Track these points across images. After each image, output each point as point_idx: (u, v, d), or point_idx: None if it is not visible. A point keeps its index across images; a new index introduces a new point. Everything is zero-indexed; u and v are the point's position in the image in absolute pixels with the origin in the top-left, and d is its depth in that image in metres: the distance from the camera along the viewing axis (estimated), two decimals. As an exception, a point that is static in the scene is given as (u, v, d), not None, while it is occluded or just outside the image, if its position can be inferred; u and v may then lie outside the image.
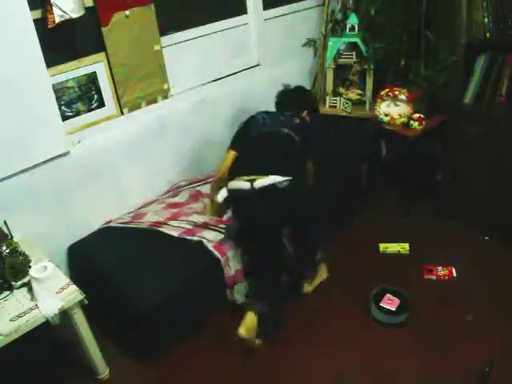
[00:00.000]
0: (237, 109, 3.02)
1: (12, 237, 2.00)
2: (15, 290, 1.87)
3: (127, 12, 2.27)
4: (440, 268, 2.54)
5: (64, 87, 2.22)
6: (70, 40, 2.16)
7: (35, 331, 1.76)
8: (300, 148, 2.35)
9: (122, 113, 2.46)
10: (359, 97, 3.21)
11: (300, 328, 2.29)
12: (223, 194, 2.28)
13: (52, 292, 1.82)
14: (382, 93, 2.84)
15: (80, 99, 2.29)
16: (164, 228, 2.38)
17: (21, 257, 1.89)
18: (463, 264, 2.56)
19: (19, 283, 1.87)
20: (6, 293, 1.86)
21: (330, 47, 3.11)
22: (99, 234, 2.45)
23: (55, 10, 1.93)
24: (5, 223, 2.00)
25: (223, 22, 2.82)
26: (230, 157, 2.41)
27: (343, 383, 2.02)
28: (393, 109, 2.83)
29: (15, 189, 2.11)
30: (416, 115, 2.76)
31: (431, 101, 2.87)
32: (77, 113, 2.30)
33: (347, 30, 3.04)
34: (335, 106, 3.23)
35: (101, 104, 2.37)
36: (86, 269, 2.32)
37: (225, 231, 2.36)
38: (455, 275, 2.50)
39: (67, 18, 1.98)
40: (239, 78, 3.00)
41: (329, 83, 3.23)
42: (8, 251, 1.89)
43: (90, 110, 2.35)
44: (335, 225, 2.76)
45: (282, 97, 2.62)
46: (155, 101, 2.58)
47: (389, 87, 2.84)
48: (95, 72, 2.29)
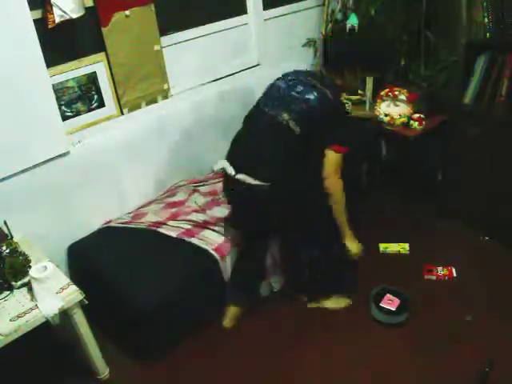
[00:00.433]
0: (237, 109, 3.02)
1: (12, 237, 2.00)
2: (15, 290, 1.87)
3: (127, 12, 2.27)
4: (440, 268, 2.54)
5: (64, 87, 2.22)
6: (70, 40, 2.16)
7: (35, 331, 1.76)
8: (303, 141, 1.90)
9: (122, 113, 2.46)
10: (359, 97, 3.21)
11: (300, 328, 2.29)
12: (220, 165, 2.05)
13: (52, 292, 1.82)
14: (382, 93, 2.84)
15: (80, 99, 2.29)
16: (163, 228, 2.38)
17: (21, 257, 1.89)
18: (463, 264, 2.56)
19: (19, 283, 1.87)
20: (6, 293, 1.86)
21: (330, 47, 3.11)
22: (99, 234, 2.45)
23: (55, 10, 1.94)
24: (5, 223, 2.00)
25: (223, 22, 2.82)
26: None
27: (343, 383, 2.02)
28: (393, 109, 2.82)
29: (15, 189, 2.11)
30: (416, 115, 2.76)
31: (431, 101, 2.86)
32: (77, 113, 2.30)
33: (347, 30, 3.04)
34: (335, 106, 3.22)
35: (101, 104, 2.38)
36: (86, 269, 2.32)
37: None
38: (455, 275, 2.50)
39: (67, 18, 1.98)
40: (239, 78, 3.00)
41: (329, 83, 3.23)
42: (8, 251, 1.89)
43: (90, 110, 2.35)
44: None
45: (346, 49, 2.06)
46: (155, 101, 2.58)
47: (389, 87, 2.83)
48: (95, 72, 2.29)
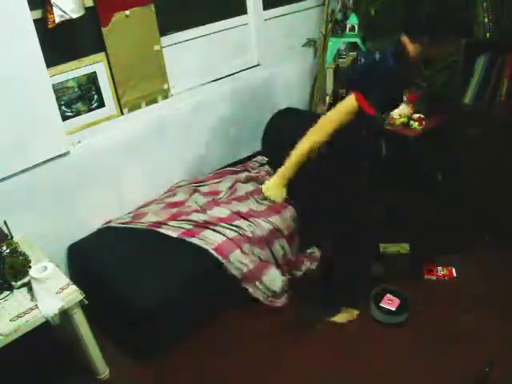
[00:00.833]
0: (237, 109, 3.02)
1: (12, 237, 2.00)
2: (15, 290, 1.87)
3: (127, 12, 2.27)
4: (440, 268, 2.54)
5: (64, 87, 2.22)
6: (70, 40, 2.16)
7: (35, 331, 1.76)
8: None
9: (122, 113, 2.46)
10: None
11: (300, 328, 2.29)
12: None
13: (52, 292, 1.82)
14: (382, 93, 2.84)
15: (80, 99, 2.29)
16: (163, 228, 2.38)
17: (21, 257, 1.89)
18: (463, 264, 2.56)
19: (19, 283, 1.87)
20: (6, 293, 1.86)
21: (330, 47, 3.11)
22: (99, 234, 2.45)
23: (55, 10, 1.94)
24: (5, 223, 2.00)
25: (223, 22, 2.82)
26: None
27: (343, 383, 2.02)
28: (393, 109, 2.82)
29: (15, 189, 2.12)
30: (416, 115, 2.76)
31: (431, 101, 2.86)
32: (77, 113, 2.30)
33: (347, 30, 3.05)
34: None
35: (101, 104, 2.38)
36: (86, 269, 2.32)
37: None
38: (455, 275, 2.50)
39: (67, 18, 1.98)
40: (239, 78, 3.00)
41: (329, 83, 3.23)
42: (8, 251, 1.89)
43: (90, 110, 2.35)
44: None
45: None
46: (155, 101, 2.58)
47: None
48: (95, 72, 2.29)
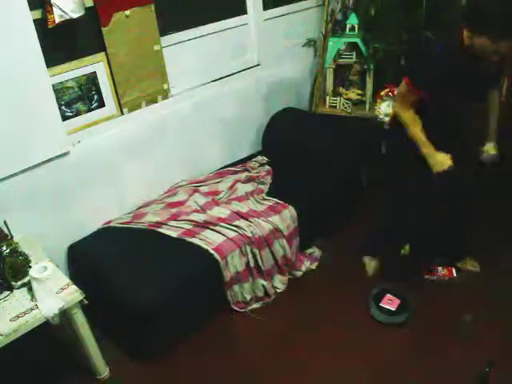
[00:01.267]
0: (237, 109, 3.02)
1: (12, 237, 2.00)
2: (15, 290, 1.87)
3: (127, 12, 2.27)
4: (440, 268, 2.54)
5: (64, 87, 2.22)
6: (70, 40, 2.16)
7: (35, 331, 1.76)
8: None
9: (122, 113, 2.46)
10: (359, 97, 3.21)
11: (300, 328, 2.29)
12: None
13: (52, 292, 1.82)
14: (382, 93, 2.83)
15: (80, 99, 2.29)
16: (163, 228, 2.38)
17: (21, 257, 1.89)
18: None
19: (19, 283, 1.87)
20: (6, 293, 1.86)
21: (330, 47, 3.11)
22: (99, 234, 2.45)
23: (55, 10, 1.93)
24: (5, 223, 1.99)
25: (223, 22, 2.81)
26: None
27: (343, 383, 2.02)
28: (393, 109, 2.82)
29: (15, 189, 2.11)
30: (416, 115, 2.75)
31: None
32: (77, 113, 2.30)
33: (347, 30, 3.05)
34: (335, 106, 3.23)
35: (101, 104, 2.37)
36: (86, 269, 2.32)
37: None
38: (455, 275, 2.50)
39: (67, 18, 1.98)
40: (239, 78, 3.00)
41: (329, 83, 3.23)
42: (8, 251, 1.88)
43: (90, 110, 2.35)
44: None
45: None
46: (155, 101, 2.58)
47: (389, 87, 2.83)
48: (95, 72, 2.29)
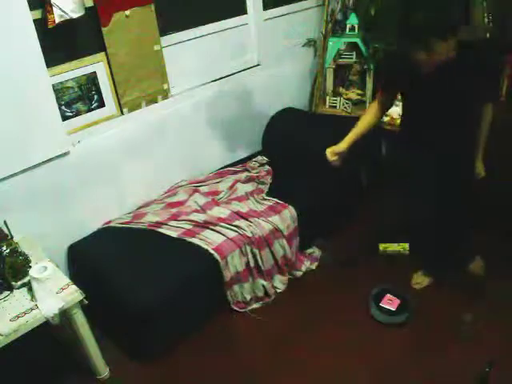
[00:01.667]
0: (237, 109, 3.02)
1: (12, 237, 2.00)
2: (15, 290, 1.87)
3: (127, 12, 2.27)
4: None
5: (64, 87, 2.22)
6: (70, 40, 2.16)
7: (35, 331, 1.76)
8: None
9: (122, 113, 2.46)
10: (359, 97, 3.22)
11: (300, 328, 2.29)
12: None
13: (52, 292, 1.82)
14: (382, 93, 2.84)
15: (80, 99, 2.29)
16: (163, 228, 2.38)
17: (21, 257, 1.89)
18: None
19: (19, 283, 1.87)
20: (6, 293, 1.86)
21: (330, 47, 3.11)
22: (99, 234, 2.45)
23: (55, 10, 1.93)
24: (5, 223, 1.99)
25: (223, 22, 2.81)
26: None
27: (343, 383, 2.02)
28: (393, 109, 2.82)
29: (15, 189, 2.11)
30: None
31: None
32: (77, 113, 2.30)
33: (347, 30, 3.05)
34: (335, 106, 3.23)
35: (101, 104, 2.37)
36: (86, 269, 2.32)
37: None
38: (455, 275, 2.50)
39: (67, 18, 1.98)
40: (239, 78, 3.00)
41: (329, 83, 3.24)
42: (8, 251, 1.88)
43: (90, 110, 2.35)
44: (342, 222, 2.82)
45: None
46: (155, 101, 2.58)
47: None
48: (95, 72, 2.29)
